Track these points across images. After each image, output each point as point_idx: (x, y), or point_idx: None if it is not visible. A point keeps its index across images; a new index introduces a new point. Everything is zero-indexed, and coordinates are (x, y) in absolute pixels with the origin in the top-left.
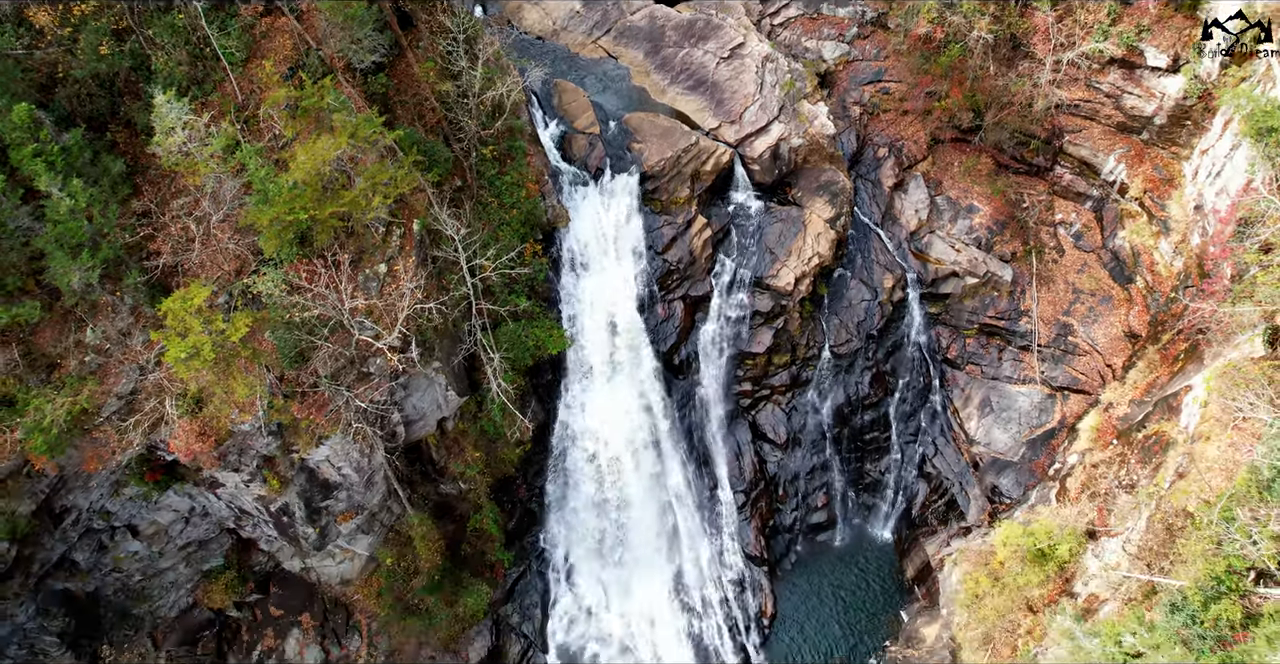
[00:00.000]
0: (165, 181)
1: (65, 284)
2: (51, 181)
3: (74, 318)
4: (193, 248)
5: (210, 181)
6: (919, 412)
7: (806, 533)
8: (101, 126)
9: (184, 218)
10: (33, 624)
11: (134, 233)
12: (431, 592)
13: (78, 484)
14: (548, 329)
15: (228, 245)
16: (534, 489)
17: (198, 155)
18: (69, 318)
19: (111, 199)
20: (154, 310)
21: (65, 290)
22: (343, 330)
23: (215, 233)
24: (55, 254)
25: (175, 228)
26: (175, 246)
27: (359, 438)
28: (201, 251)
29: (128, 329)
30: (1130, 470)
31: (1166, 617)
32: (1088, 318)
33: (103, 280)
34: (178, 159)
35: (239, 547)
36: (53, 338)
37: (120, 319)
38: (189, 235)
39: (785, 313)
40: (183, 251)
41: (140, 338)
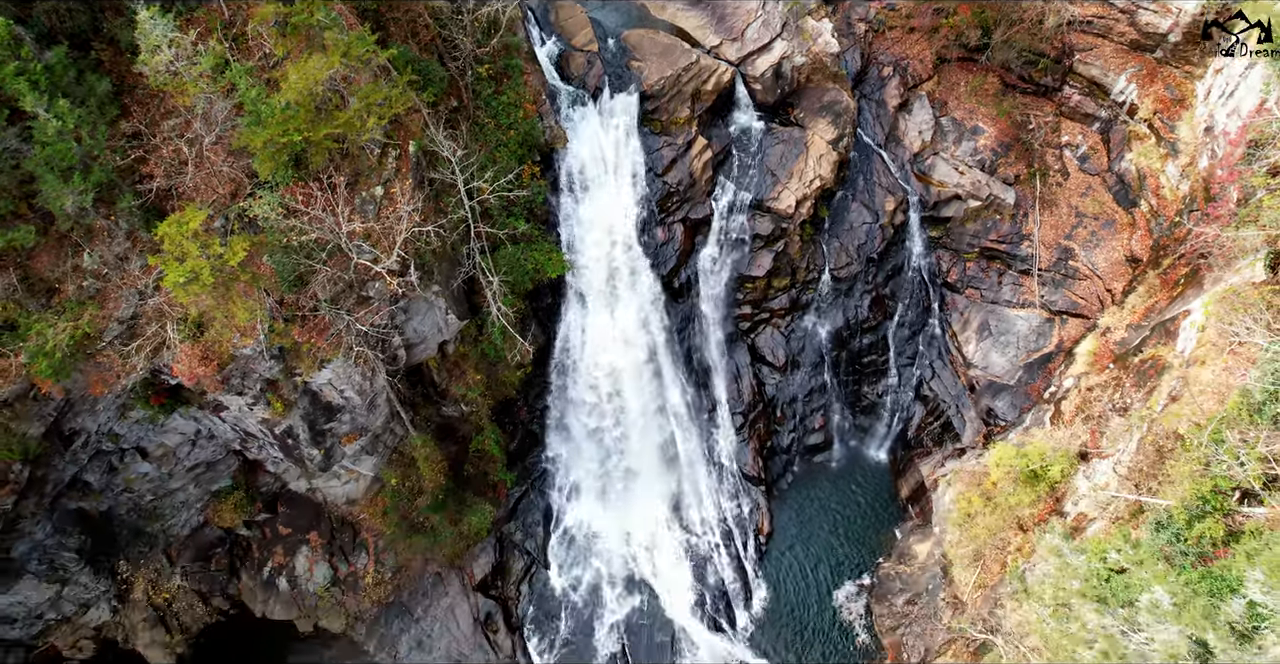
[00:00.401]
0: (154, 102)
1: (58, 208)
2: (37, 102)
3: (70, 242)
4: (186, 171)
5: (200, 102)
6: (917, 335)
7: (803, 454)
8: (84, 44)
9: (175, 140)
10: (51, 541)
11: (125, 155)
12: (436, 511)
13: (84, 407)
14: (547, 252)
15: (222, 168)
16: (535, 411)
17: (186, 75)
18: (65, 242)
19: (99, 120)
20: (150, 235)
21: (59, 214)
22: (341, 254)
23: (208, 155)
24: (46, 177)
25: (167, 150)
26: (168, 169)
27: (360, 361)
28: (195, 175)
29: (125, 254)
30: (1125, 394)
31: (1152, 534)
32: (1089, 242)
33: (96, 204)
34: (166, 78)
35: (246, 468)
36: (50, 262)
37: (117, 243)
38: (181, 158)
39: (785, 236)
40: (176, 175)
41: (138, 262)
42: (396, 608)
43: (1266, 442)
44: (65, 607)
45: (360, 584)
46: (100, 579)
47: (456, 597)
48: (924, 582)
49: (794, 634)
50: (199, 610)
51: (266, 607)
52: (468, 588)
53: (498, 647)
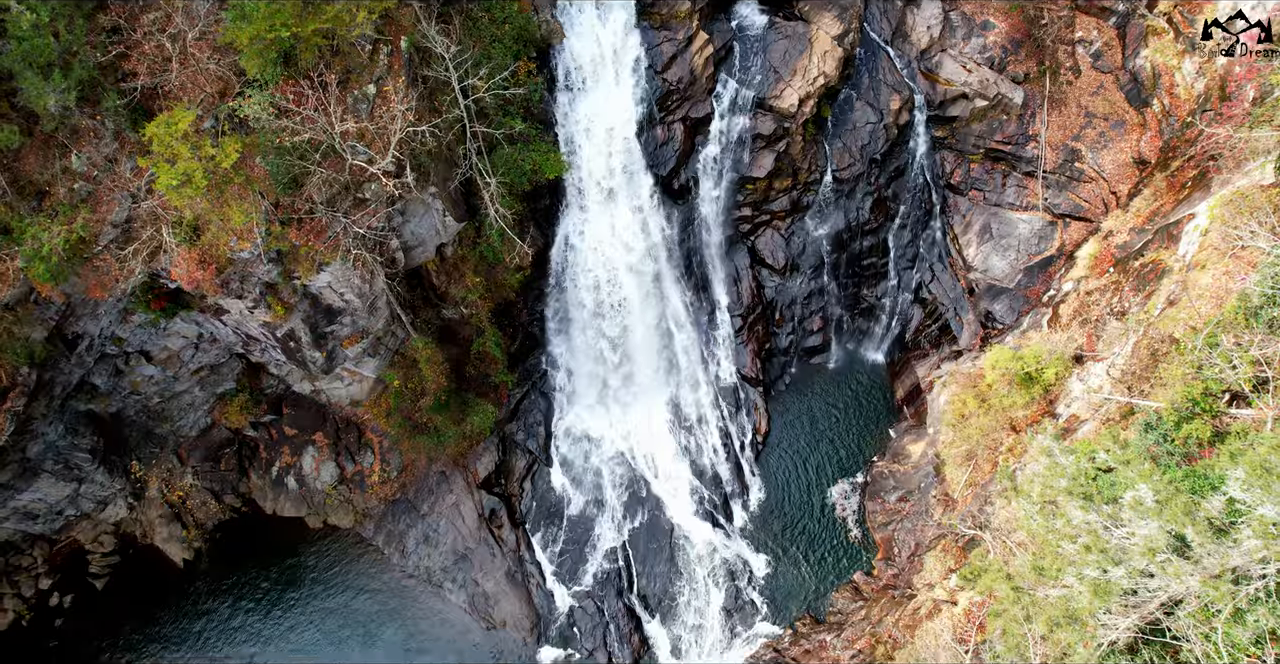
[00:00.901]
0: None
1: (41, 107)
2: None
3: (56, 143)
4: (170, 68)
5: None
6: (918, 238)
7: (801, 355)
8: None
9: (157, 35)
10: (64, 442)
11: (106, 51)
12: (439, 411)
13: (85, 311)
14: (544, 152)
15: (208, 65)
16: (534, 313)
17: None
18: (51, 144)
19: (76, 13)
20: (139, 136)
21: (42, 114)
22: (335, 155)
23: (193, 51)
24: (25, 74)
25: (149, 46)
26: (152, 67)
27: (359, 264)
28: (180, 72)
29: (113, 155)
30: (1123, 298)
31: (1140, 435)
32: (1097, 143)
33: (80, 104)
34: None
35: (250, 371)
36: (38, 164)
37: (104, 145)
38: (165, 54)
39: (788, 136)
40: (160, 72)
41: (128, 165)
42: (403, 505)
43: (1260, 345)
44: (84, 503)
45: (366, 483)
46: (115, 478)
47: (461, 494)
48: (916, 480)
49: (788, 530)
50: (212, 508)
51: (276, 504)
52: (472, 486)
53: (502, 541)
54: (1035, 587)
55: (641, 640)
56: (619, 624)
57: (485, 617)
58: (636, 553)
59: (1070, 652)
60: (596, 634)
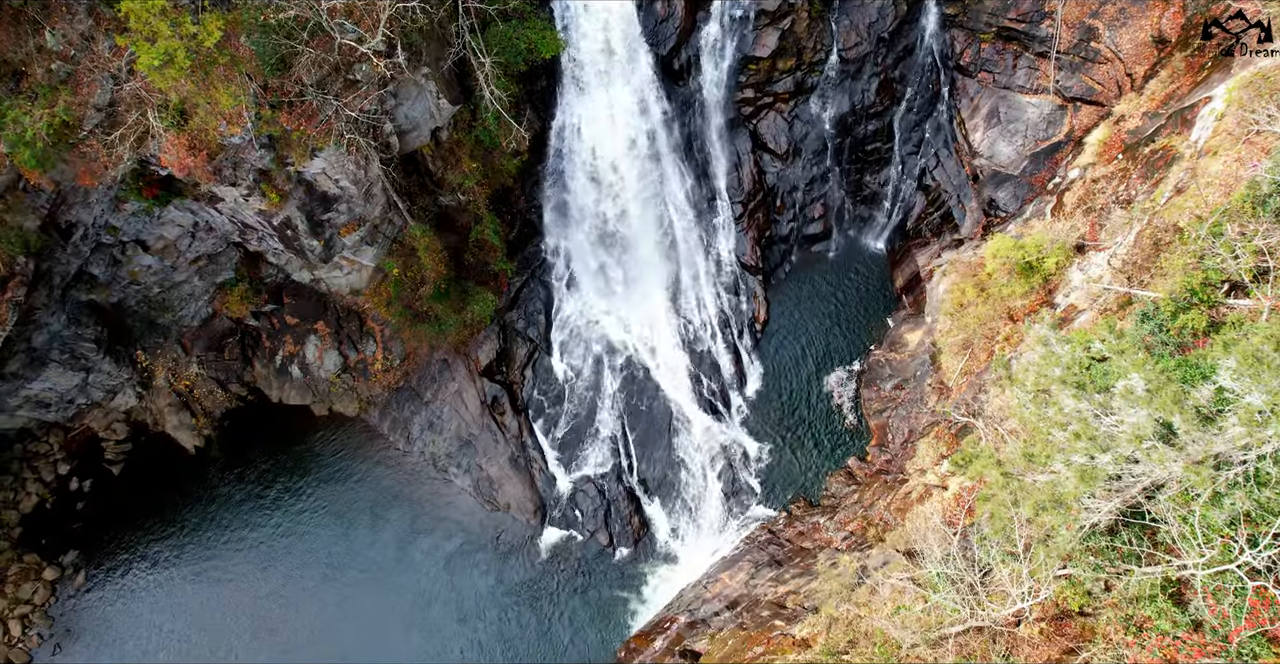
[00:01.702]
0: None
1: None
2: None
3: (27, 18)
4: None
5: None
6: (924, 122)
7: (802, 244)
8: None
9: None
10: (68, 332)
11: None
12: (439, 300)
13: (77, 200)
14: (540, 30)
15: None
16: (533, 200)
17: None
18: (22, 19)
19: None
20: (114, 11)
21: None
22: (323, 33)
23: None
24: None
25: None
26: None
27: (353, 149)
28: None
29: (89, 33)
30: (1130, 186)
31: (1136, 325)
32: (1116, 20)
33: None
34: None
35: (248, 260)
36: (10, 42)
37: (79, 21)
38: None
39: (792, 12)
40: None
41: (106, 43)
42: (407, 392)
43: (1265, 234)
44: (93, 392)
45: (370, 371)
46: (121, 367)
47: (463, 381)
48: (912, 368)
49: (785, 416)
50: (219, 396)
51: (282, 392)
52: (474, 373)
53: (505, 427)
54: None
55: (641, 522)
56: (619, 506)
57: (490, 500)
58: (636, 439)
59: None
60: (598, 516)
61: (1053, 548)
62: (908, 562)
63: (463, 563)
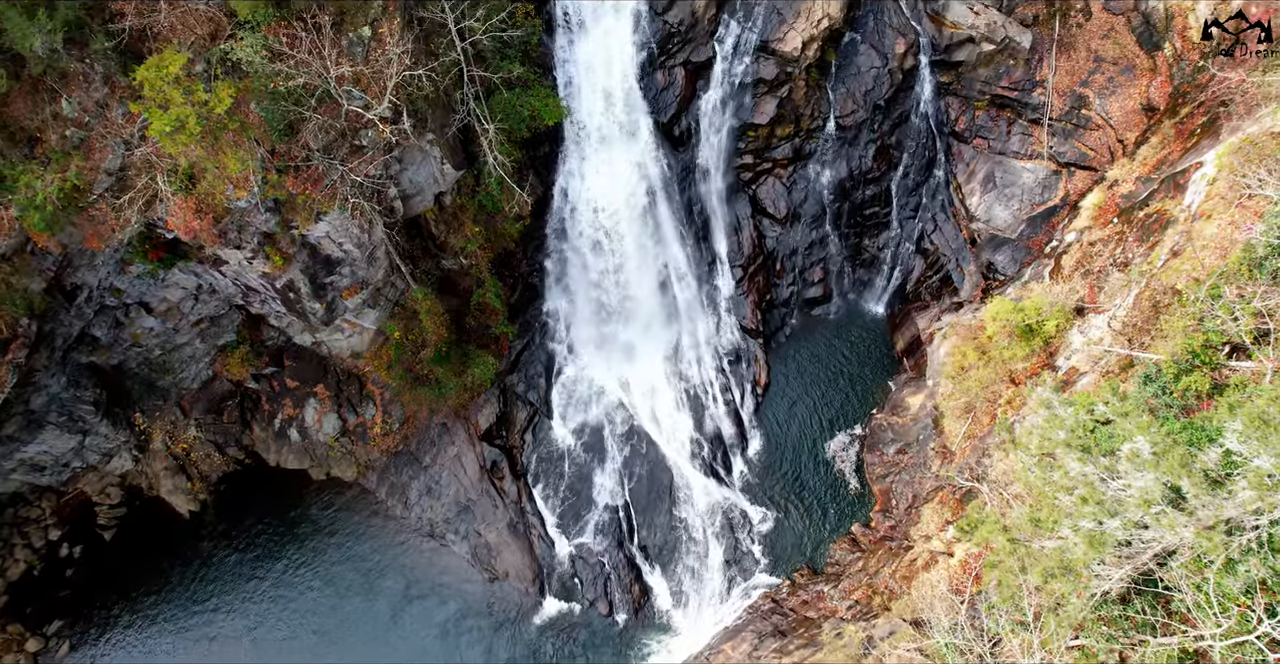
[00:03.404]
0: None
1: (27, 49)
2: None
3: (45, 88)
4: (159, 8)
5: None
6: (921, 187)
7: (802, 307)
8: None
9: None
10: (67, 394)
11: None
12: (440, 363)
13: (83, 262)
14: (543, 98)
15: (198, 6)
16: (534, 263)
17: None
18: (40, 88)
19: None
20: (129, 80)
21: (29, 56)
22: (331, 101)
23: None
24: (9, 14)
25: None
26: (140, 7)
27: (357, 213)
28: (169, 13)
29: (104, 100)
30: (1126, 249)
31: (1139, 387)
32: (1106, 89)
33: (68, 46)
34: None
35: (250, 322)
36: (27, 110)
37: (95, 89)
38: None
39: (790, 81)
40: (149, 13)
41: (120, 110)
42: (405, 457)
43: (1263, 296)
44: (89, 455)
45: (369, 435)
46: (119, 430)
47: (463, 446)
48: (915, 432)
49: (787, 481)
50: (216, 460)
51: (280, 456)
52: (473, 437)
53: (504, 493)
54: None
55: (642, 590)
56: (620, 575)
57: (488, 567)
58: (637, 504)
59: (1064, 602)
60: (598, 584)
61: (1064, 617)
62: (915, 631)
63: (458, 632)
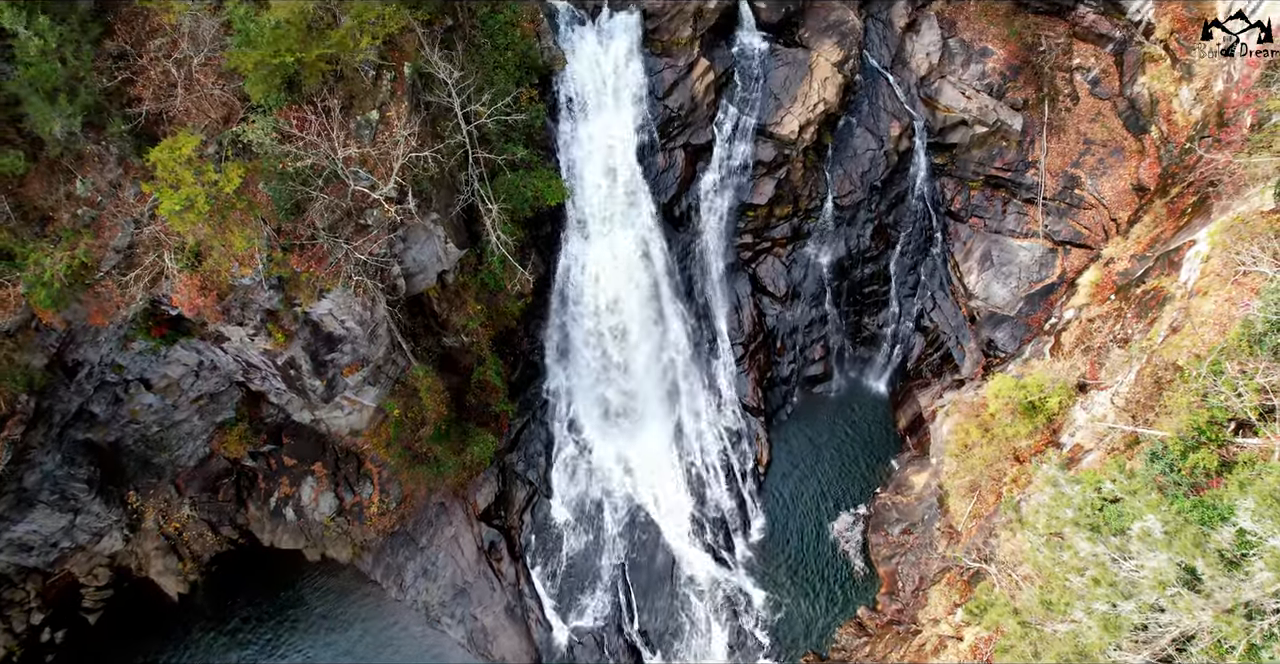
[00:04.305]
0: (139, 20)
1: (47, 132)
2: (15, 19)
3: (61, 169)
4: (175, 93)
5: (187, 20)
6: (919, 265)
7: (803, 385)
8: None
9: (163, 60)
10: (61, 472)
11: (111, 77)
12: (439, 441)
13: (86, 338)
14: (546, 179)
15: (212, 91)
16: (536, 341)
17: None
18: (56, 169)
19: (83, 39)
20: (142, 161)
21: (48, 139)
22: (338, 181)
23: (198, 77)
24: (32, 100)
25: (155, 71)
26: (157, 92)
27: (360, 291)
28: (185, 98)
29: (117, 181)
30: (1125, 325)
31: (1146, 465)
32: (1096, 170)
33: (86, 129)
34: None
35: (249, 399)
36: (42, 190)
37: (109, 170)
38: (170, 80)
39: (788, 162)
40: (166, 98)
41: (132, 190)
42: (402, 537)
43: (1265, 373)
44: (79, 535)
45: (365, 514)
46: (111, 509)
47: (460, 526)
48: (920, 512)
49: (791, 563)
50: (209, 539)
51: (274, 536)
52: (471, 518)
53: (501, 575)
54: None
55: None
56: (620, 661)
57: (484, 653)
58: (637, 587)
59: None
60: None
61: None
62: None
63: None
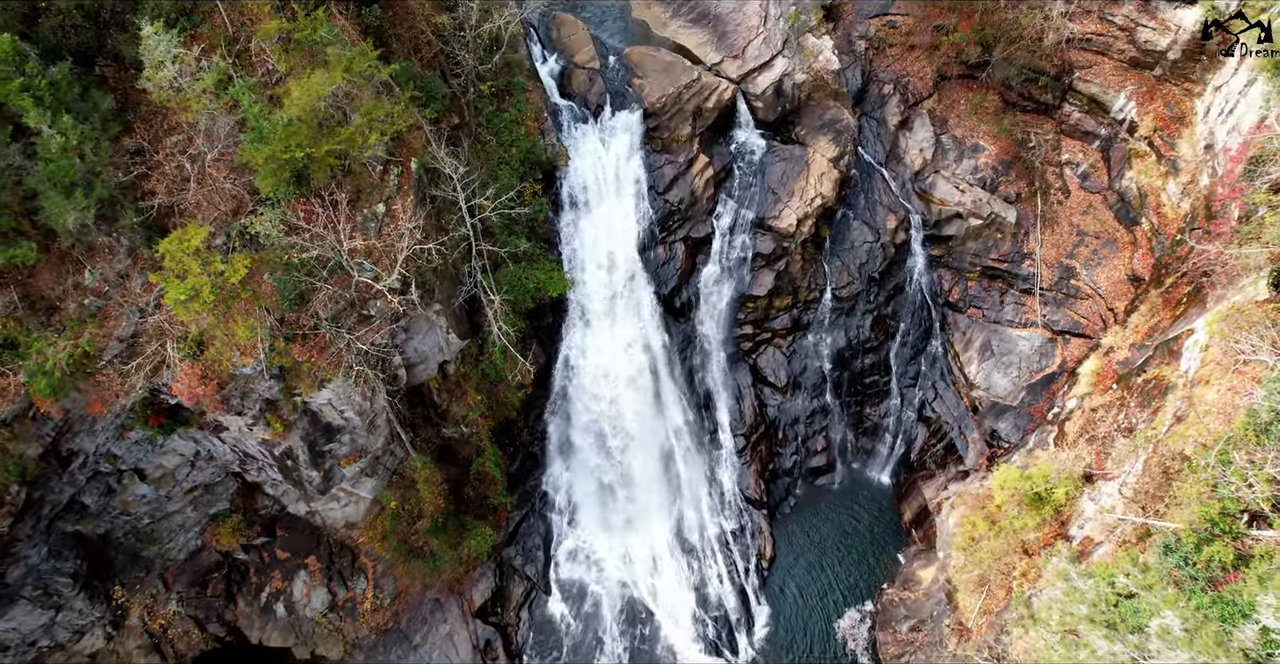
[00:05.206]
0: (157, 118)
1: (61, 225)
2: (40, 118)
3: (71, 259)
4: (188, 187)
5: (203, 118)
6: (919, 355)
7: (806, 476)
8: (89, 60)
9: (178, 156)
10: (46, 566)
11: (127, 172)
12: (435, 534)
13: (83, 428)
14: (548, 271)
15: (224, 185)
16: (535, 432)
17: (189, 91)
18: (66, 259)
19: (103, 136)
20: (151, 252)
21: (61, 231)
22: (342, 272)
23: (210, 171)
24: (49, 194)
25: (170, 166)
26: (170, 186)
27: (361, 381)
28: (197, 191)
29: (126, 271)
30: (1129, 414)
31: (1160, 558)
32: (1091, 260)
33: (98, 221)
34: (169, 95)
35: (244, 490)
36: (51, 280)
37: (118, 261)
38: (184, 174)
39: (787, 255)
40: (178, 191)
41: (139, 280)
42: (395, 635)
43: (1274, 463)
44: (59, 633)
45: (358, 610)
46: (95, 605)
47: (455, 623)
48: (928, 608)
49: (796, 662)
50: (194, 637)
51: (263, 633)
52: (467, 614)
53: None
54: None
55: None
56: None
57: None
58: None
59: None
60: None
61: None
62: None
63: None
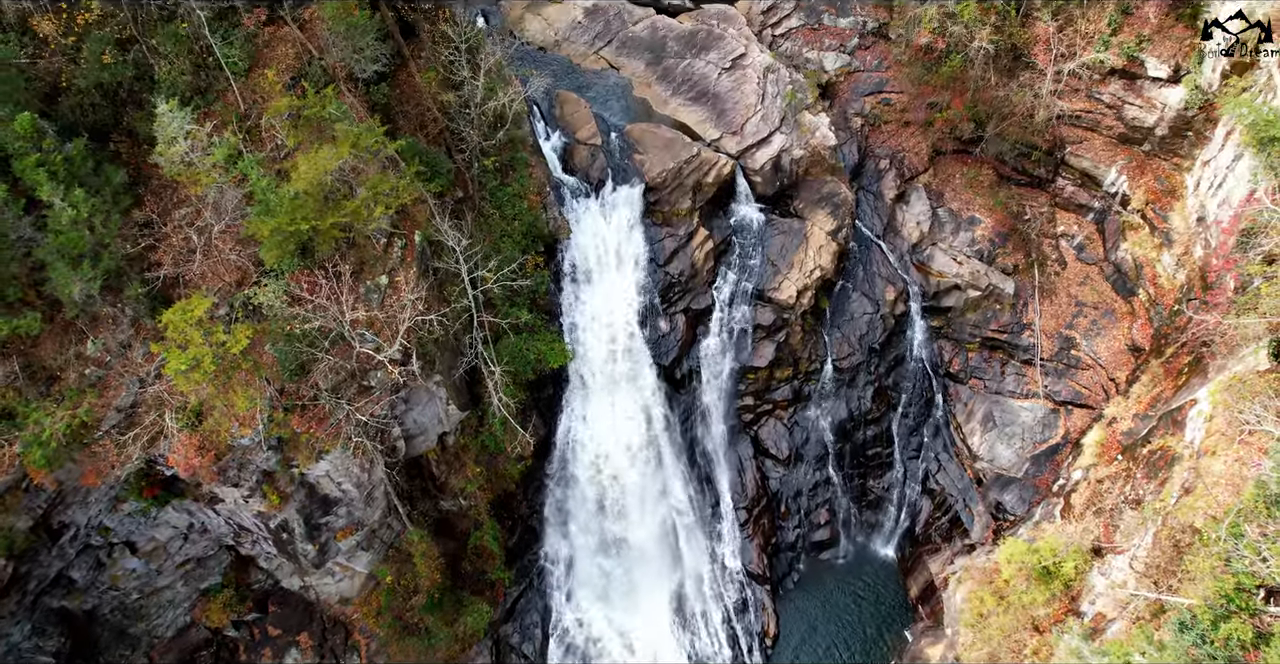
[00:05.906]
0: (167, 192)
1: (66, 295)
2: (53, 191)
3: (74, 330)
4: (194, 258)
5: (212, 192)
6: (922, 427)
7: (809, 550)
8: (104, 136)
9: (185, 228)
10: (28, 644)
11: (135, 243)
12: (431, 611)
13: (76, 499)
14: (549, 342)
15: (229, 256)
16: (535, 505)
17: (200, 165)
18: (69, 330)
19: (113, 209)
20: (155, 322)
21: (66, 302)
22: (343, 342)
23: (216, 243)
24: (56, 265)
25: (177, 238)
26: (177, 257)
27: (359, 452)
28: (203, 262)
29: (128, 341)
30: (1136, 486)
31: (1176, 636)
32: (1090, 331)
33: (104, 292)
34: (180, 169)
35: (237, 564)
36: (53, 350)
37: (121, 331)
38: (190, 246)
39: (787, 326)
40: (184, 262)
41: (141, 350)
42: None
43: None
44: None
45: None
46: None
47: None
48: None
49: None
50: None
51: None
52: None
53: None
54: None
55: None
56: None
57: None
58: None
59: None
60: None
61: None
62: None
63: None
